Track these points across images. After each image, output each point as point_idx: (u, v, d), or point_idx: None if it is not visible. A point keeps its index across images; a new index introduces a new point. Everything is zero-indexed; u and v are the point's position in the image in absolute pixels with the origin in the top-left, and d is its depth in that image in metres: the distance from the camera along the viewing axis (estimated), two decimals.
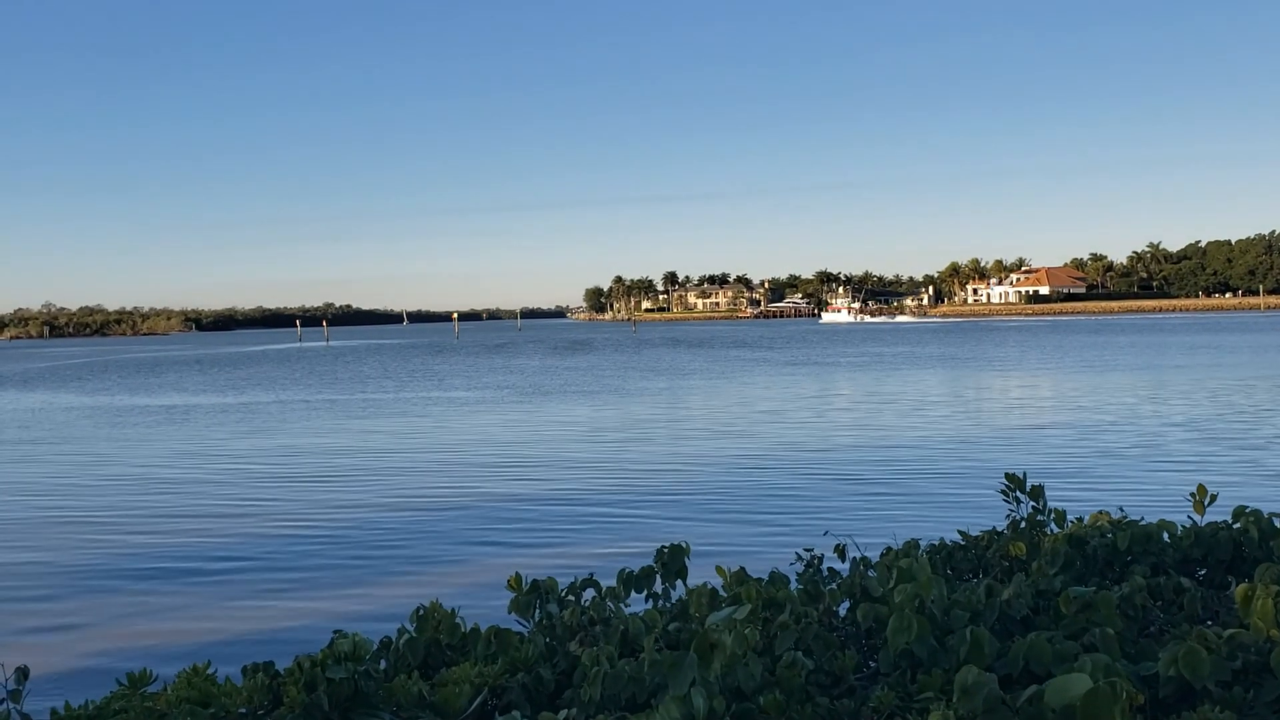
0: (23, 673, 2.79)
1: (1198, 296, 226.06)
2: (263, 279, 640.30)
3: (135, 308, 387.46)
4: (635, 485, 20.29)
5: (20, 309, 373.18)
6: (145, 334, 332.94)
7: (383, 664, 3.21)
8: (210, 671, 2.92)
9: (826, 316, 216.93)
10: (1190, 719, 2.33)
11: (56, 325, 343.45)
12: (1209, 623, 3.29)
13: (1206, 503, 4.30)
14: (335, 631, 3.08)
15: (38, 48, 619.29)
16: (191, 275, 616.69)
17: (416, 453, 26.70)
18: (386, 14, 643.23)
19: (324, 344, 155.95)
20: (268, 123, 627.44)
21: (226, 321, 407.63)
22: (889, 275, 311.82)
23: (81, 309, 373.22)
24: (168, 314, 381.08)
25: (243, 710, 2.78)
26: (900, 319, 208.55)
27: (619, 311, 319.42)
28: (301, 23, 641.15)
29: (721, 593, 3.55)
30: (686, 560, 3.94)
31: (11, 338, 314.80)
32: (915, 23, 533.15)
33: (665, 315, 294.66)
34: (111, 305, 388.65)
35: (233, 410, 42.13)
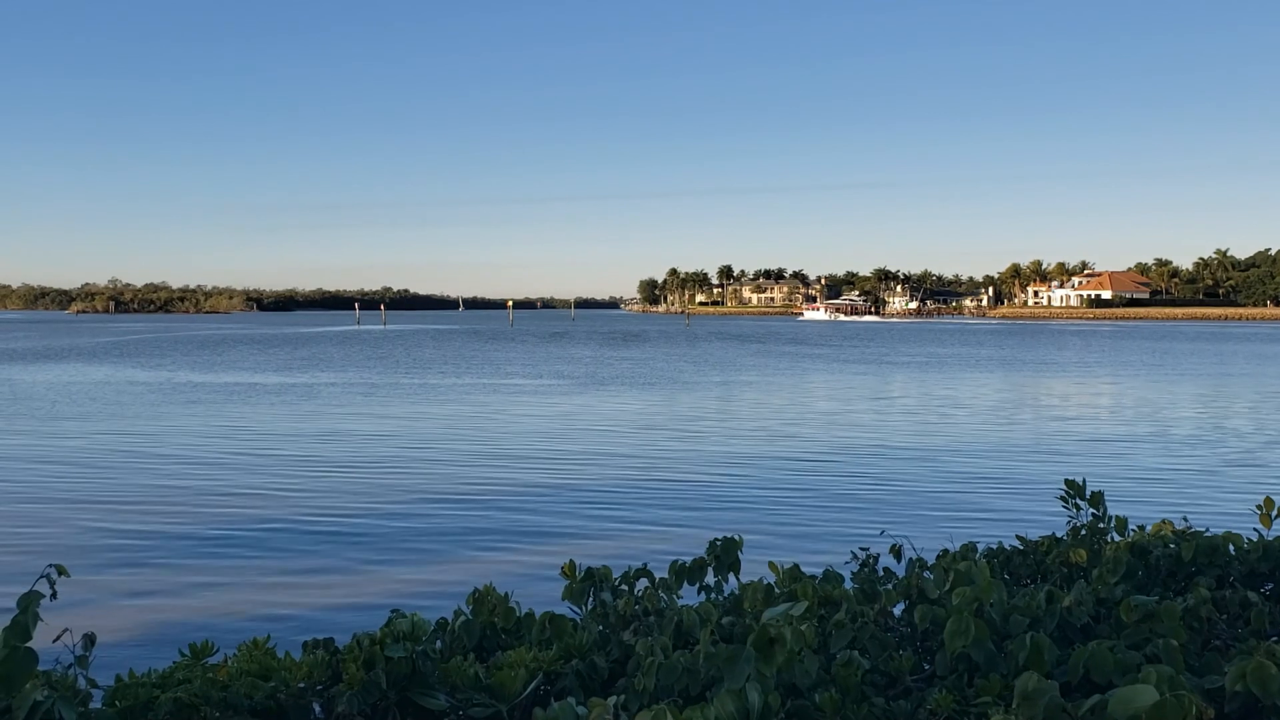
0: (90, 639, 2.84)
1: (1266, 306, 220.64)
2: (323, 262, 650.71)
3: (198, 286, 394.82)
4: (687, 478, 20.28)
5: (87, 284, 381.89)
6: (208, 312, 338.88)
7: (438, 645, 3.24)
8: (270, 645, 2.96)
9: (806, 314, 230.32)
10: None
11: (122, 301, 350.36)
12: (1275, 639, 3.21)
13: (1274, 515, 4.19)
14: (393, 611, 3.12)
15: (112, 33, 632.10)
16: (254, 256, 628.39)
17: (474, 437, 26.90)
18: (451, 7, 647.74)
19: (381, 327, 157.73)
20: (332, 110, 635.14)
21: (286, 302, 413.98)
22: (948, 275, 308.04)
23: (146, 286, 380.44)
24: (230, 293, 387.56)
25: (302, 685, 2.82)
26: (867, 318, 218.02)
27: (672, 304, 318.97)
28: (366, 15, 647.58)
29: (775, 589, 3.53)
30: (739, 554, 3.93)
31: (78, 312, 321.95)
32: (983, 23, 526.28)
33: (719, 309, 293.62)
34: (175, 283, 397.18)
35: (294, 390, 42.73)
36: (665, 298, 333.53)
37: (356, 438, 26.73)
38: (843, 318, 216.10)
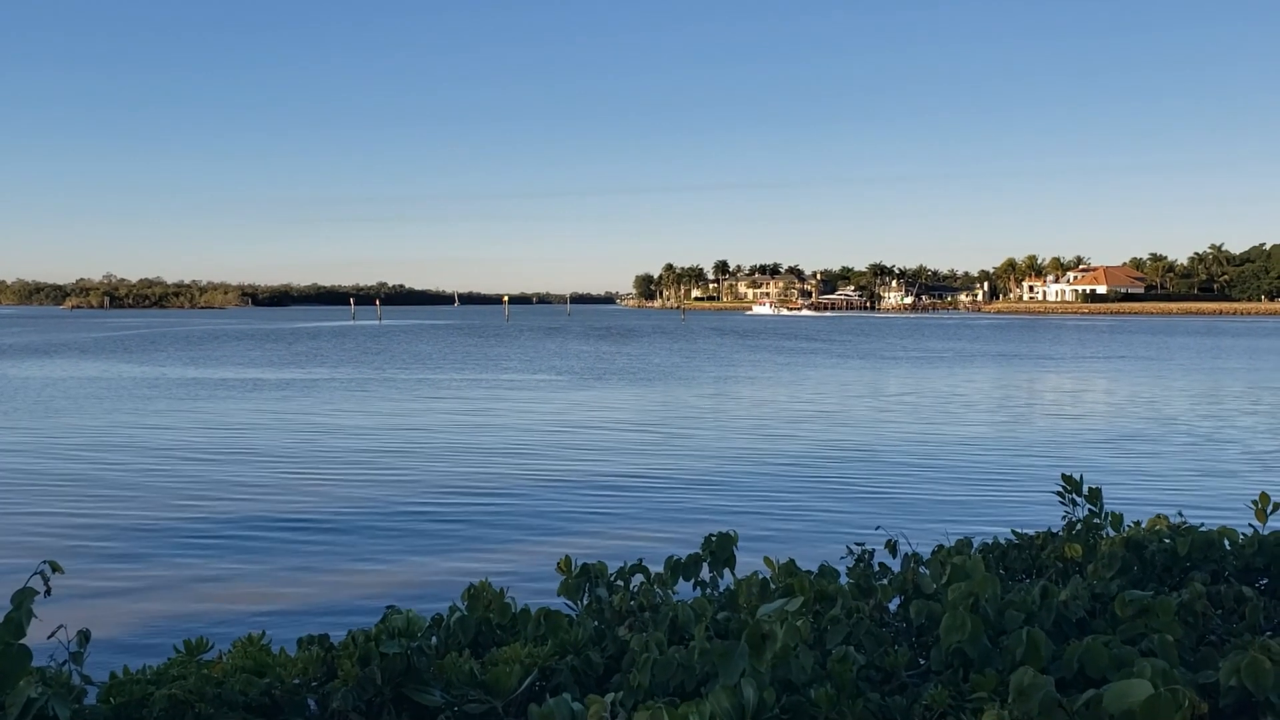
0: (84, 635, 2.83)
1: (1260, 300, 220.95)
2: (318, 257, 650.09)
3: (193, 281, 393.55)
4: (683, 474, 20.27)
5: (82, 279, 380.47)
6: (203, 307, 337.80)
7: (433, 641, 3.24)
8: (265, 642, 2.96)
9: (755, 309, 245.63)
10: None
11: (116, 296, 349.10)
12: (1270, 634, 3.22)
13: (1269, 511, 4.20)
14: (388, 607, 3.11)
15: (108, 28, 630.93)
16: (249, 251, 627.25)
17: (470, 433, 26.87)
18: (449, 2, 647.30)
19: (377, 322, 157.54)
20: (328, 105, 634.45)
21: (282, 297, 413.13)
22: (944, 270, 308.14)
23: (141, 281, 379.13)
24: (225, 288, 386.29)
25: (297, 681, 2.81)
26: (803, 313, 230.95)
27: (668, 299, 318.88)
28: (362, 9, 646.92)
29: (771, 584, 3.53)
30: (734, 549, 3.92)
31: (73, 307, 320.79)
32: (979, 20, 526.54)
33: (715, 304, 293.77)
34: (170, 278, 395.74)
35: (289, 385, 42.67)
36: (661, 293, 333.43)
37: (351, 433, 26.70)
38: (786, 312, 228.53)
